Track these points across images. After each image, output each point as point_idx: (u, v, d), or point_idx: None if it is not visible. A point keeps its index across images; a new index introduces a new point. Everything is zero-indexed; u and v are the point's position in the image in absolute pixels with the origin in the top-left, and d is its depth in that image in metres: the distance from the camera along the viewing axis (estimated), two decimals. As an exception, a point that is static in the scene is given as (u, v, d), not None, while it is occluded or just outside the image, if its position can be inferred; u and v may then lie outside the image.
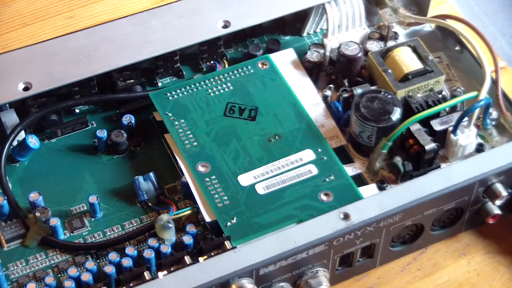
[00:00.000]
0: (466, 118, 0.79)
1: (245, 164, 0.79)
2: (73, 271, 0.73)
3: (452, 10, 0.99)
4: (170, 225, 0.75)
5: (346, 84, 0.85)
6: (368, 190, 0.79)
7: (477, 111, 0.79)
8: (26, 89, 0.80)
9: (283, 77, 0.86)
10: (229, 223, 0.75)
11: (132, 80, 0.86)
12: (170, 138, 0.82)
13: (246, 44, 0.92)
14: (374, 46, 0.88)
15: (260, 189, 0.78)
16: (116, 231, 0.78)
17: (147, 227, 0.77)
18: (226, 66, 0.89)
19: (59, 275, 0.76)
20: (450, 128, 0.80)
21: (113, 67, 0.83)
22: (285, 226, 0.75)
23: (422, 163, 0.79)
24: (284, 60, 0.88)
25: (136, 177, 0.79)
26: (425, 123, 0.80)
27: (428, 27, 0.92)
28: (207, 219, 0.76)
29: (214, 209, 0.76)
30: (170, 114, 0.83)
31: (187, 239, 0.75)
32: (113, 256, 0.74)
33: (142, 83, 0.86)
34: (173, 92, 0.84)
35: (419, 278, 0.80)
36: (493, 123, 0.83)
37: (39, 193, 0.78)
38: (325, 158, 0.80)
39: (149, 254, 0.74)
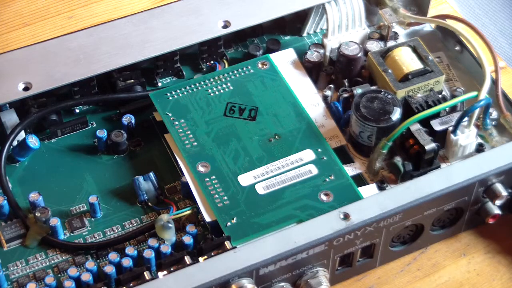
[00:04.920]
0: (466, 118, 0.79)
1: (245, 164, 0.79)
2: (73, 271, 0.73)
3: (452, 10, 0.99)
4: (170, 225, 0.75)
5: (346, 84, 0.85)
6: (368, 190, 0.79)
7: (477, 111, 0.79)
8: (26, 89, 0.80)
9: (283, 77, 0.86)
10: (229, 223, 0.75)
11: (132, 80, 0.86)
12: (170, 138, 0.82)
13: (246, 44, 0.92)
14: (374, 46, 0.88)
15: (260, 189, 0.78)
16: (116, 231, 0.78)
17: (147, 227, 0.77)
18: (226, 66, 0.89)
19: (59, 275, 0.76)
20: (450, 128, 0.80)
21: (113, 67, 0.83)
22: (285, 226, 0.75)
23: (422, 163, 0.79)
24: (284, 60, 0.88)
25: (136, 177, 0.79)
26: (425, 123, 0.80)
27: (428, 27, 0.92)
28: (207, 219, 0.76)
29: (214, 209, 0.76)
30: (170, 114, 0.83)
31: (187, 239, 0.75)
32: (113, 256, 0.74)
33: (142, 83, 0.86)
34: (173, 92, 0.84)
35: (419, 278, 0.80)
36: (493, 123, 0.83)
37: (39, 193, 0.78)
38: (325, 158, 0.80)
39: (149, 254, 0.74)
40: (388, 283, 0.79)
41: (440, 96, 0.82)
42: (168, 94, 0.84)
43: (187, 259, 0.72)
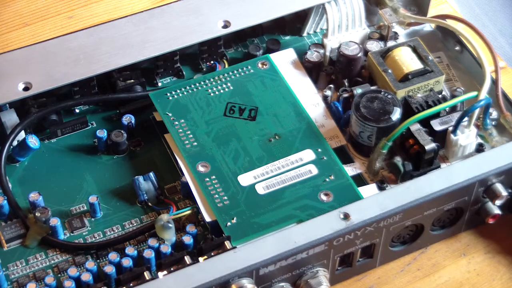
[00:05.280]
0: (466, 118, 0.79)
1: (245, 164, 0.79)
2: (73, 271, 0.73)
3: (452, 10, 0.99)
4: (170, 225, 0.75)
5: (346, 84, 0.85)
6: (368, 190, 0.79)
7: (477, 111, 0.79)
8: (26, 89, 0.80)
9: (283, 77, 0.86)
10: (229, 223, 0.75)
11: (132, 80, 0.86)
12: (170, 138, 0.82)
13: (246, 44, 0.92)
14: (374, 46, 0.88)
15: (260, 189, 0.78)
16: (116, 231, 0.78)
17: (147, 227, 0.77)
18: (226, 66, 0.89)
19: (59, 275, 0.76)
20: (450, 128, 0.80)
21: (113, 67, 0.83)
22: (285, 226, 0.75)
23: (422, 163, 0.79)
24: (284, 60, 0.88)
25: (136, 177, 0.79)
26: (425, 123, 0.80)
27: (428, 27, 0.92)
28: (207, 219, 0.76)
29: (214, 209, 0.76)
30: (170, 114, 0.83)
31: (187, 239, 0.75)
32: (113, 256, 0.74)
33: (142, 83, 0.86)
34: (173, 92, 0.84)
35: (419, 278, 0.80)
36: (493, 123, 0.83)
37: (39, 193, 0.78)
38: (325, 158, 0.80)
39: (149, 254, 0.74)
40: (388, 283, 0.79)
41: (440, 96, 0.82)
42: (168, 94, 0.84)
43: (187, 259, 0.72)
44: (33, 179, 0.81)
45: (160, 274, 0.71)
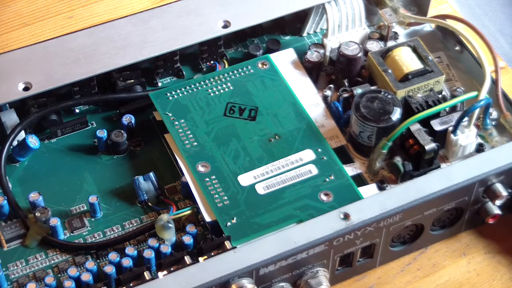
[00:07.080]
0: (466, 118, 0.79)
1: (245, 164, 0.79)
2: (73, 271, 0.73)
3: (452, 10, 0.99)
4: (170, 225, 0.75)
5: (346, 84, 0.85)
6: (368, 190, 0.79)
7: (477, 111, 0.79)
8: (26, 89, 0.80)
9: (283, 77, 0.86)
10: (229, 223, 0.75)
11: (132, 80, 0.86)
12: (170, 138, 0.82)
13: (246, 44, 0.92)
14: (374, 46, 0.88)
15: (260, 189, 0.78)
16: (116, 231, 0.78)
17: (147, 227, 0.77)
18: (226, 66, 0.89)
19: (59, 275, 0.76)
20: (450, 128, 0.80)
21: (113, 67, 0.83)
22: (285, 226, 0.75)
23: (422, 163, 0.79)
24: (284, 60, 0.88)
25: (136, 177, 0.79)
26: (425, 123, 0.80)
27: (428, 27, 0.92)
28: (207, 219, 0.76)
29: (214, 209, 0.76)
30: (170, 114, 0.83)
31: (187, 239, 0.75)
32: (113, 256, 0.74)
33: (142, 83, 0.86)
34: (173, 92, 0.84)
35: (419, 278, 0.80)
36: (493, 123, 0.83)
37: (39, 193, 0.78)
38: (325, 158, 0.80)
39: (149, 254, 0.74)
40: (388, 283, 0.79)
41: (440, 96, 0.82)
42: (168, 94, 0.84)
43: (187, 259, 0.72)
44: (33, 179, 0.81)
45: (160, 274, 0.71)
